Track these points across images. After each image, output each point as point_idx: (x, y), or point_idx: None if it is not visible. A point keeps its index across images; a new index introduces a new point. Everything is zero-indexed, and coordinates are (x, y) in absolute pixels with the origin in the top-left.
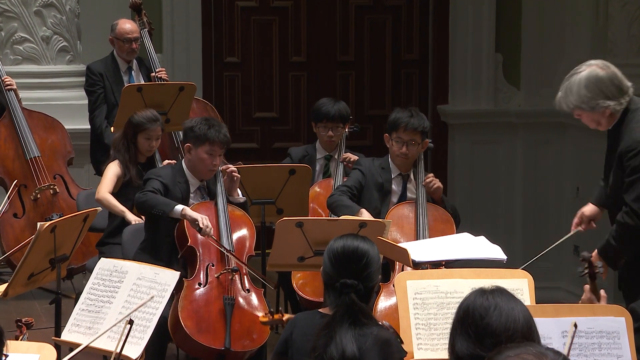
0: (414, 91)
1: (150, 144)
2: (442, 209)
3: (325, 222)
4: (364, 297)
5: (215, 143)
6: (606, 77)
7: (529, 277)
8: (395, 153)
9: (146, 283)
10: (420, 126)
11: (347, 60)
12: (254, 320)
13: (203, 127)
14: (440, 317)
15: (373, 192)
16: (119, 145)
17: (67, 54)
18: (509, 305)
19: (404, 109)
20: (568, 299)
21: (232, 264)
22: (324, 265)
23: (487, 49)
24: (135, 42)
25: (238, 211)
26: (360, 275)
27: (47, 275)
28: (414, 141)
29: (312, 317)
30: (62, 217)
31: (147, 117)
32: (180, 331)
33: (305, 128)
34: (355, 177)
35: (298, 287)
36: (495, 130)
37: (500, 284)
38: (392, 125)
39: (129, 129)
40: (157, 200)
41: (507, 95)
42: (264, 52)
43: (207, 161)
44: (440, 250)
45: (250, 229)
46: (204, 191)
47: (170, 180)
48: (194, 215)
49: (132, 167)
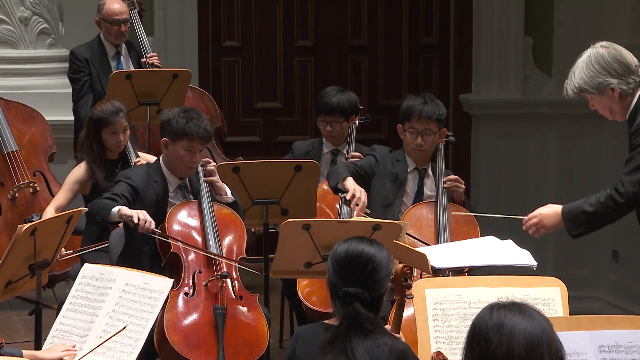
0: (433, 79)
1: (118, 139)
2: (464, 209)
3: (334, 224)
4: (370, 307)
5: (195, 138)
6: (608, 54)
7: (562, 285)
8: (410, 145)
9: (137, 291)
10: (435, 113)
11: (359, 44)
12: (249, 330)
13: (181, 120)
14: (462, 329)
15: (385, 182)
16: (83, 146)
17: (47, 37)
18: (513, 325)
19: (417, 96)
20: (606, 310)
21: (221, 269)
22: (328, 272)
23: (515, 31)
24: (125, 25)
25: (225, 210)
26: (366, 282)
27: (27, 283)
28: (429, 130)
29: (316, 330)
30: (42, 219)
31: (107, 110)
32: (167, 348)
33: (312, 120)
34: (367, 161)
35: (304, 296)
36: (525, 123)
37: (530, 292)
38: (404, 114)
39: (90, 127)
40: (97, 206)
41: (538, 83)
42: (267, 35)
43: (185, 158)
44: (462, 255)
45: (240, 229)
46: (185, 190)
47: (142, 181)
48: (128, 212)
49: (99, 168)
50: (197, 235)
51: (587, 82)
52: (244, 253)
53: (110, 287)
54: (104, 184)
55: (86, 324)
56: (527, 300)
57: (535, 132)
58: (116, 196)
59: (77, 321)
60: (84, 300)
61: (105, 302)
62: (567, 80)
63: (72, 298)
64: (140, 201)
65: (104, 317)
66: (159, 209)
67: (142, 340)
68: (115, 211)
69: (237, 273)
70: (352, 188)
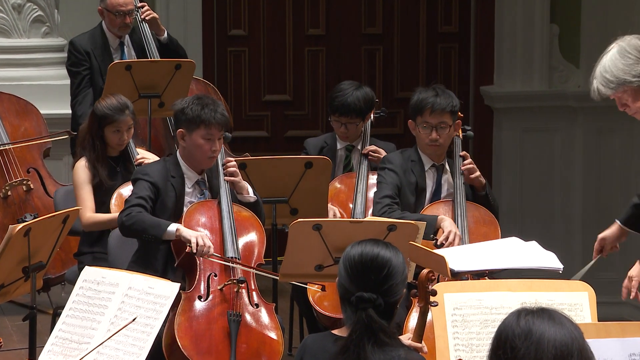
0: (452, 70)
1: (121, 137)
2: (484, 208)
3: (347, 225)
4: (384, 314)
5: (212, 125)
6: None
7: (590, 290)
8: (424, 141)
9: (141, 296)
10: (448, 105)
11: (373, 33)
12: (264, 341)
13: (196, 107)
14: (484, 336)
15: (407, 195)
16: (84, 142)
17: (42, 25)
18: (542, 332)
19: (426, 88)
20: (636, 316)
21: (238, 274)
22: (339, 276)
23: (540, 18)
24: (129, 16)
25: (245, 212)
26: (381, 288)
27: (20, 286)
28: (443, 124)
29: (324, 340)
30: (37, 218)
31: (113, 107)
32: (177, 352)
33: (323, 113)
34: (391, 181)
35: (315, 301)
36: (550, 116)
37: (555, 297)
38: (415, 109)
39: (93, 123)
40: (144, 223)
41: (564, 74)
42: (276, 23)
43: (205, 147)
44: (483, 257)
45: (260, 234)
46: (203, 186)
47: (161, 177)
48: (187, 235)
49: (101, 166)
50: (215, 238)
51: (627, 71)
52: (262, 259)
53: (113, 291)
54: (109, 183)
55: (87, 330)
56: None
57: (561, 127)
58: (143, 200)
59: (78, 327)
60: (85, 306)
61: (108, 307)
62: (594, 83)
63: (72, 303)
64: (160, 200)
65: (106, 324)
66: (177, 207)
67: (147, 348)
68: (173, 231)
69: (255, 283)
70: (447, 230)
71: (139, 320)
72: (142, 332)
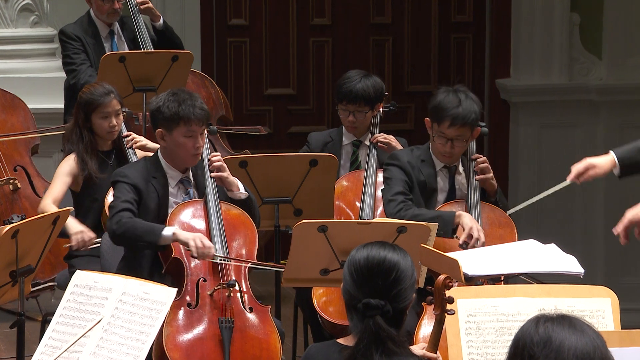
0: (466, 62)
1: (110, 123)
2: (499, 209)
3: (354, 226)
4: (393, 321)
5: (192, 121)
6: None
7: (612, 295)
8: (438, 149)
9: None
10: (469, 118)
11: (382, 23)
12: (259, 346)
13: (172, 104)
14: (499, 345)
15: (417, 195)
16: (71, 135)
17: (31, 14)
18: (562, 340)
19: (449, 90)
20: None
21: (229, 277)
22: (344, 282)
23: (560, 7)
24: (118, 1)
25: (235, 210)
26: (389, 293)
27: (7, 291)
28: (461, 136)
29: (329, 349)
30: (25, 220)
31: (97, 92)
32: None
33: (329, 108)
34: (398, 178)
35: (320, 306)
36: (570, 111)
37: (576, 304)
38: (435, 113)
39: (78, 113)
40: (137, 230)
41: (585, 66)
42: (279, 13)
43: (188, 145)
44: (499, 261)
45: (251, 232)
46: (188, 185)
47: (142, 178)
48: (183, 237)
49: (91, 158)
50: None
51: None
52: (254, 258)
53: (106, 297)
54: (98, 176)
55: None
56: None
57: (582, 122)
58: (129, 204)
59: (68, 335)
60: (76, 312)
61: (100, 314)
62: None
63: (62, 310)
64: (143, 203)
65: (98, 331)
66: (160, 209)
67: (142, 357)
68: (169, 235)
69: (247, 285)
70: (468, 227)
71: (134, 328)
72: (137, 340)
